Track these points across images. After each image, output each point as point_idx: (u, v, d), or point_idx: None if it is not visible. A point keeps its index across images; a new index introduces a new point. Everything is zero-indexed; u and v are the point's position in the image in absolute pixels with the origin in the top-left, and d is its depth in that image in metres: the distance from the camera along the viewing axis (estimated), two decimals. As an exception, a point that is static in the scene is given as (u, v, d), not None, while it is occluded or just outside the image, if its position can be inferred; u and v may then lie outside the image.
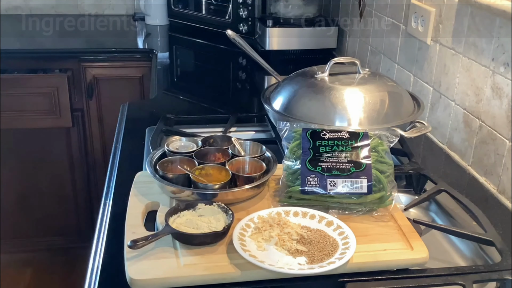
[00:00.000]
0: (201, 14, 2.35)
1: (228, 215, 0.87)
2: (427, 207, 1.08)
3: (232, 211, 0.87)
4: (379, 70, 1.68)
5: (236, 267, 0.78)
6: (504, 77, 1.07)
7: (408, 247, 0.84)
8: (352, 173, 0.93)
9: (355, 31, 1.91)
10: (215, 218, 0.86)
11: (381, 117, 1.11)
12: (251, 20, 2.14)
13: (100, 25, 2.58)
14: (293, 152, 0.98)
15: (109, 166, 1.17)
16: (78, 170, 2.24)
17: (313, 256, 0.80)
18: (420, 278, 0.80)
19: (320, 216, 0.90)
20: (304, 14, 2.07)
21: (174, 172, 0.98)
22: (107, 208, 0.99)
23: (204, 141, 1.09)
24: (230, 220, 0.85)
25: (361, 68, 1.21)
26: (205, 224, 0.84)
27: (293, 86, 1.20)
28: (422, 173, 1.09)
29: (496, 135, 1.10)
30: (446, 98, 1.29)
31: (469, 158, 1.20)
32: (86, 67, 2.10)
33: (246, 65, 2.06)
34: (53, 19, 2.59)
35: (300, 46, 2.03)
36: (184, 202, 0.90)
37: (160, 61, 2.08)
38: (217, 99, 1.73)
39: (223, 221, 0.86)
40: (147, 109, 1.52)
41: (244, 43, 1.36)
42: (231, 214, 0.87)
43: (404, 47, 1.51)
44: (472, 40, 1.18)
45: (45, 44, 2.27)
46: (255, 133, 1.39)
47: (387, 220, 0.91)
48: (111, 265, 0.83)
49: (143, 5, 2.54)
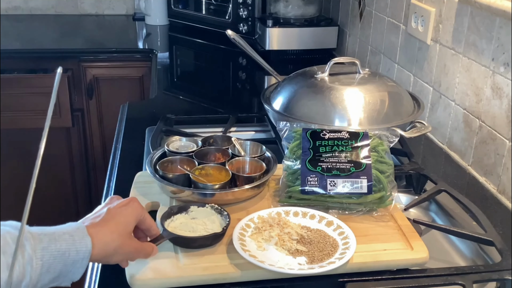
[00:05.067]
0: (201, 14, 2.35)
1: (224, 216, 0.86)
2: (427, 207, 1.08)
3: (227, 212, 0.87)
4: (379, 70, 1.68)
5: (236, 267, 0.78)
6: (504, 77, 1.07)
7: (408, 247, 0.84)
8: (352, 173, 0.93)
9: (355, 31, 1.91)
10: (210, 220, 0.85)
11: (381, 117, 1.11)
12: (251, 20, 2.14)
13: (100, 25, 2.59)
14: (293, 152, 0.98)
15: (109, 166, 1.17)
16: (78, 170, 2.24)
17: (313, 256, 0.80)
18: (420, 278, 0.80)
19: (320, 216, 0.90)
20: (304, 14, 2.08)
21: (174, 172, 0.98)
22: (107, 208, 0.99)
23: (204, 141, 1.09)
24: (227, 221, 0.85)
25: (361, 68, 1.21)
26: (201, 227, 0.84)
27: (293, 86, 1.20)
28: (422, 173, 1.09)
29: (496, 135, 1.10)
30: (446, 98, 1.29)
31: (469, 158, 1.20)
32: (86, 67, 2.10)
33: (246, 65, 2.06)
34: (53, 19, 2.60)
35: (300, 46, 2.03)
36: (176, 206, 0.89)
37: (160, 61, 2.09)
38: (217, 99, 1.73)
39: (218, 223, 0.85)
40: (147, 109, 1.52)
41: (244, 43, 1.36)
42: (227, 215, 0.86)
43: (404, 47, 1.51)
44: (472, 40, 1.18)
45: (45, 44, 2.27)
46: (255, 133, 1.39)
47: (387, 220, 0.91)
48: (111, 265, 0.83)
49: (143, 5, 2.54)
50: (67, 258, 0.65)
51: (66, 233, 0.67)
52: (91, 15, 2.69)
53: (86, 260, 0.67)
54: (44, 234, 0.65)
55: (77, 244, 0.66)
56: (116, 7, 2.71)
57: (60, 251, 0.65)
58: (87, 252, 0.67)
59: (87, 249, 0.67)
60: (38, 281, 0.64)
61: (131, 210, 0.74)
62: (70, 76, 2.07)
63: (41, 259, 0.63)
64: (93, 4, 2.68)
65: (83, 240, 0.67)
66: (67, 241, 0.66)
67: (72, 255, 0.65)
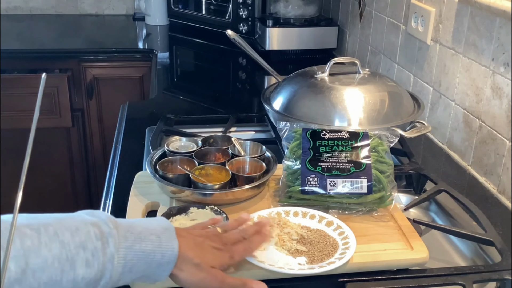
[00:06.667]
0: (201, 14, 2.35)
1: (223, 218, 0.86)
2: (427, 207, 1.08)
3: (226, 214, 0.87)
4: (379, 70, 1.68)
5: (236, 267, 0.78)
6: (504, 77, 1.07)
7: (408, 247, 0.84)
8: (352, 173, 0.93)
9: (355, 31, 1.91)
10: None
11: (381, 117, 1.11)
12: (251, 20, 2.14)
13: (100, 25, 2.59)
14: (293, 152, 0.98)
15: (109, 166, 1.17)
16: (78, 170, 2.24)
17: (313, 256, 0.80)
18: (420, 278, 0.80)
19: (320, 216, 0.90)
20: (304, 14, 2.08)
21: (174, 172, 0.98)
22: (107, 208, 0.99)
23: (204, 141, 1.09)
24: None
25: (361, 68, 1.21)
26: None
27: (293, 86, 1.20)
28: (422, 173, 1.09)
29: (496, 135, 1.10)
30: (446, 98, 1.29)
31: (469, 158, 1.20)
32: (86, 67, 2.10)
33: (246, 65, 2.06)
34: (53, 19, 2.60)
35: (300, 46, 2.03)
36: (176, 207, 0.89)
37: (160, 61, 2.09)
38: (217, 99, 1.73)
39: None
40: (147, 109, 1.52)
41: (244, 43, 1.36)
42: (226, 217, 0.86)
43: (404, 47, 1.51)
44: (472, 40, 1.17)
45: (45, 44, 2.27)
46: (255, 133, 1.39)
47: (387, 220, 0.91)
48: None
49: (143, 5, 2.54)
50: (152, 260, 0.63)
51: (153, 233, 0.64)
52: (91, 15, 2.69)
53: (172, 264, 0.64)
54: (131, 232, 0.63)
55: (163, 247, 0.64)
56: (116, 7, 2.71)
57: (145, 251, 0.62)
58: (172, 256, 0.64)
59: (173, 253, 0.64)
60: (120, 280, 0.62)
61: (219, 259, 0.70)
62: (70, 76, 2.07)
63: (124, 258, 0.61)
64: (93, 4, 2.68)
65: (170, 243, 0.64)
66: (153, 242, 0.63)
67: (157, 257, 0.63)
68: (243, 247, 0.74)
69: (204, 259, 0.68)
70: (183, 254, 0.66)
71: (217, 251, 0.70)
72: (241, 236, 0.75)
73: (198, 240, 0.69)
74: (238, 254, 0.73)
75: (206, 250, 0.69)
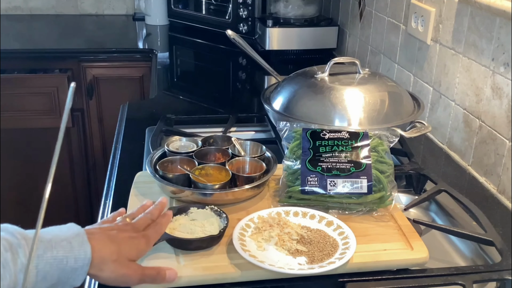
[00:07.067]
0: (201, 14, 2.35)
1: (222, 218, 0.86)
2: (427, 207, 1.08)
3: (226, 214, 0.86)
4: (379, 70, 1.68)
5: (236, 267, 0.78)
6: (504, 77, 1.07)
7: (408, 247, 0.84)
8: (352, 173, 0.93)
9: (355, 31, 1.91)
10: (209, 222, 0.85)
11: (381, 117, 1.11)
12: (251, 20, 2.14)
13: (100, 25, 2.59)
14: (293, 152, 0.98)
15: (109, 166, 1.17)
16: (78, 170, 2.24)
17: (313, 256, 0.80)
18: (420, 278, 0.80)
19: (320, 216, 0.90)
20: (304, 14, 2.08)
21: (174, 172, 0.98)
22: (107, 208, 0.99)
23: (204, 141, 1.09)
24: (225, 223, 0.84)
25: (361, 68, 1.21)
26: (199, 229, 0.83)
27: (293, 86, 1.20)
28: (422, 173, 1.09)
29: (496, 135, 1.10)
30: (446, 98, 1.29)
31: (469, 158, 1.20)
32: (86, 67, 2.10)
33: (246, 65, 2.06)
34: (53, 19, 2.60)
35: (300, 46, 2.03)
36: (176, 207, 0.89)
37: (160, 61, 2.08)
38: (217, 99, 1.73)
39: (217, 225, 0.85)
40: (147, 109, 1.52)
41: (244, 43, 1.36)
42: (225, 217, 0.86)
43: (404, 47, 1.51)
44: (472, 40, 1.18)
45: (45, 44, 2.27)
46: (255, 133, 1.39)
47: (387, 220, 0.91)
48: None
49: (143, 5, 2.54)
50: (65, 266, 0.63)
51: (64, 239, 0.65)
52: (91, 15, 2.69)
53: (86, 267, 0.65)
54: (40, 241, 0.63)
55: (75, 252, 0.64)
56: (116, 7, 2.71)
57: (56, 258, 0.63)
58: (86, 259, 0.65)
59: (86, 257, 0.65)
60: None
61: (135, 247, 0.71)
62: (70, 76, 2.07)
63: (35, 267, 0.61)
64: (93, 4, 2.68)
65: (82, 247, 0.65)
66: (64, 248, 0.64)
67: (70, 262, 0.63)
68: (154, 229, 0.76)
69: (121, 253, 0.69)
70: (99, 255, 0.67)
71: (132, 239, 0.72)
72: (149, 219, 0.77)
73: (112, 234, 0.70)
74: (152, 237, 0.75)
75: (121, 242, 0.70)
